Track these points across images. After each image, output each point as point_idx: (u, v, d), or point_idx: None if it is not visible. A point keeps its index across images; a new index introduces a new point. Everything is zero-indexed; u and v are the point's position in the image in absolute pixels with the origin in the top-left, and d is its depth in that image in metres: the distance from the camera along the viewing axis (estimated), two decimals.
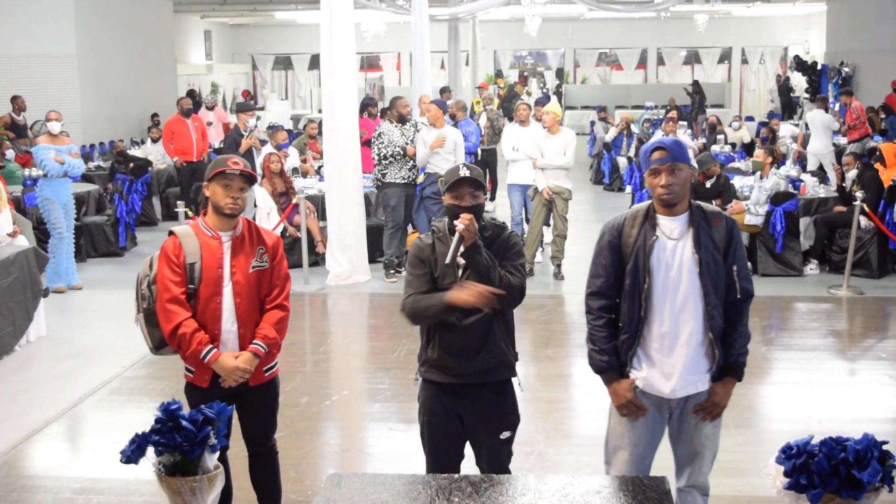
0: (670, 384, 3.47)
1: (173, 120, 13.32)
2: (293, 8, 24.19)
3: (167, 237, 3.89)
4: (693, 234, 3.45)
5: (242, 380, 3.83)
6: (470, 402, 3.73)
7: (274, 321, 3.88)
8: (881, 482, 2.61)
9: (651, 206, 3.53)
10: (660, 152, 3.43)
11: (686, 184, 3.46)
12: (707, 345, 3.48)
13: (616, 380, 3.54)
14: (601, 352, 3.55)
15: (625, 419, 3.56)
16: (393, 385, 6.51)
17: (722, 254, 3.48)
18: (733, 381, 3.56)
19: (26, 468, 5.39)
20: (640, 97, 26.98)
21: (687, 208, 3.49)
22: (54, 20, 16.15)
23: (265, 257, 3.90)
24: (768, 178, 9.62)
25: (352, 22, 9.48)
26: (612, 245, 3.54)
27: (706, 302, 3.42)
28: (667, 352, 3.46)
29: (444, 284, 3.69)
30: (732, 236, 3.52)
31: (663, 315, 3.45)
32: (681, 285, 3.43)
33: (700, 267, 3.41)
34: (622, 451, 3.59)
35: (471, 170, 3.69)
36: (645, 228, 3.48)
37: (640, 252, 3.45)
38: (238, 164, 3.81)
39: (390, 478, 3.24)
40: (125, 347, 7.38)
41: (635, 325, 3.48)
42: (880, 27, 19.67)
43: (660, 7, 21.24)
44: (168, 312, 3.77)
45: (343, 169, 9.41)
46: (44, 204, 9.04)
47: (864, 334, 8.10)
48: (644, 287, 3.44)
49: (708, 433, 3.58)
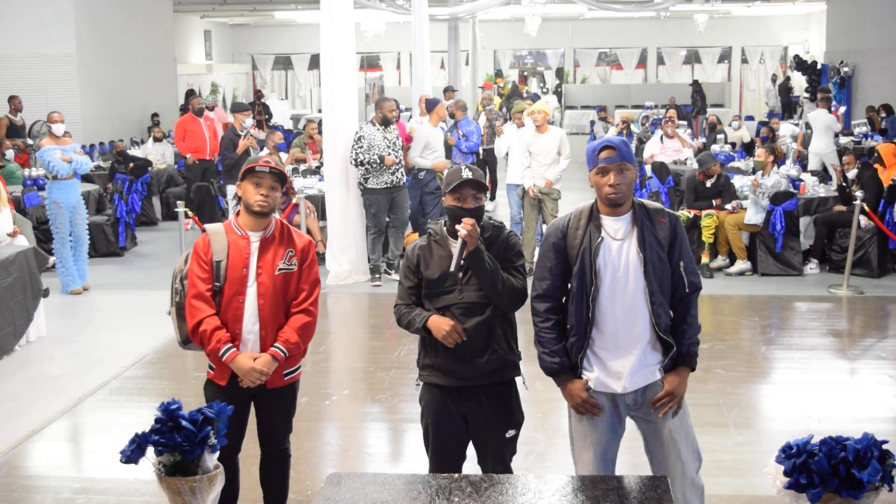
0: (621, 382, 3.47)
1: (186, 118, 13.34)
2: (293, 8, 24.20)
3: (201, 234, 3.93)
4: (637, 233, 3.44)
5: (259, 382, 3.81)
6: (475, 402, 3.74)
7: (298, 325, 3.87)
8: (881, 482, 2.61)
9: (594, 205, 3.52)
10: (608, 151, 3.42)
11: (632, 184, 3.47)
12: (655, 342, 3.48)
13: (569, 380, 3.54)
14: (551, 353, 3.55)
15: (585, 420, 3.55)
16: (393, 385, 6.51)
17: (666, 251, 3.47)
18: (687, 371, 3.54)
19: (26, 468, 5.39)
20: (640, 97, 26.99)
21: (630, 208, 3.49)
22: (54, 20, 16.14)
23: (294, 260, 3.89)
24: (770, 176, 9.63)
25: (352, 22, 9.48)
26: (556, 247, 3.53)
27: (652, 301, 3.43)
28: (616, 351, 3.47)
29: (445, 287, 3.70)
30: (676, 232, 3.51)
31: (611, 316, 3.45)
32: (627, 285, 3.43)
33: (645, 266, 3.41)
34: (586, 451, 3.57)
35: (473, 172, 3.70)
36: (590, 230, 3.47)
37: (587, 254, 3.44)
38: (269, 162, 3.83)
39: (390, 478, 3.24)
40: (125, 347, 7.38)
41: (584, 327, 3.48)
42: (880, 27, 19.67)
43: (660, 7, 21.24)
44: (192, 308, 3.80)
45: (343, 169, 9.40)
46: (51, 208, 9.01)
47: (863, 334, 8.10)
48: (591, 289, 3.43)
49: (676, 426, 3.54)
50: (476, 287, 3.67)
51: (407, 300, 3.80)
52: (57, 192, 8.97)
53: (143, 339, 7.58)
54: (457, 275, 3.66)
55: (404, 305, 3.80)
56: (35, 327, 7.66)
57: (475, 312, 3.67)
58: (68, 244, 9.08)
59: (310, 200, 10.18)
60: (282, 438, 4.07)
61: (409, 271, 3.79)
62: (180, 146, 13.33)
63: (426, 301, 3.76)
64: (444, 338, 3.63)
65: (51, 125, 9.01)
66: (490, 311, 3.68)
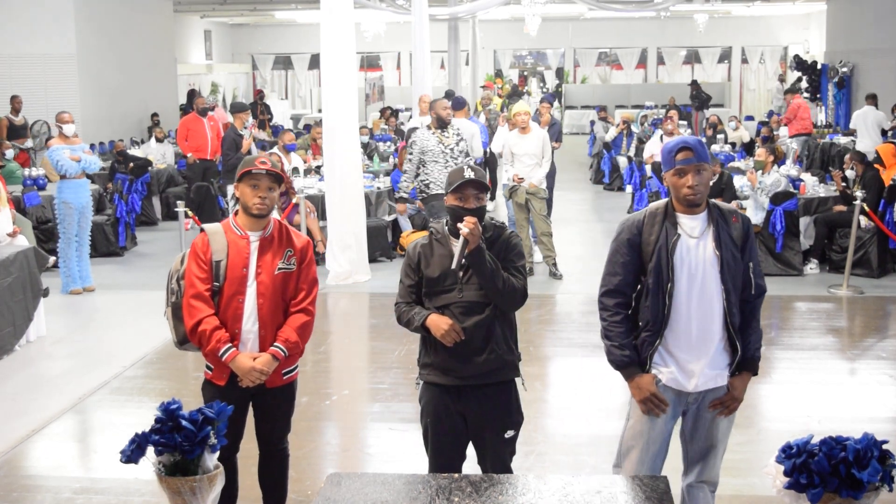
0: (693, 381, 3.50)
1: (190, 118, 13.34)
2: (293, 7, 24.19)
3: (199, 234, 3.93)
4: (713, 232, 3.47)
5: (259, 381, 3.82)
6: (474, 402, 3.74)
7: (297, 325, 3.87)
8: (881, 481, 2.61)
9: (669, 204, 3.53)
10: (686, 153, 3.43)
11: (709, 183, 3.50)
12: (727, 341, 3.51)
13: (638, 374, 3.54)
14: (621, 346, 3.55)
15: (645, 418, 3.56)
16: (393, 385, 6.51)
17: (739, 251, 3.51)
18: (749, 376, 3.59)
19: (26, 468, 5.39)
20: (640, 97, 27.00)
21: (706, 207, 3.51)
22: (54, 20, 16.15)
23: (293, 260, 3.89)
24: (770, 175, 9.63)
25: (352, 22, 9.48)
26: (631, 243, 3.54)
27: (727, 300, 3.46)
28: (690, 349, 3.49)
29: (445, 286, 3.71)
30: (748, 234, 3.55)
31: (687, 313, 3.47)
32: (703, 283, 3.45)
33: (721, 265, 3.44)
34: (636, 450, 3.59)
35: (475, 172, 3.70)
36: (666, 227, 3.48)
37: (663, 250, 3.45)
38: (265, 163, 3.82)
39: (390, 477, 3.24)
40: (125, 347, 7.38)
41: (658, 324, 3.49)
42: (880, 27, 19.67)
43: (660, 7, 21.24)
44: (191, 308, 3.80)
45: (343, 168, 9.40)
46: (61, 208, 9.00)
47: (864, 334, 8.10)
48: (668, 286, 3.45)
49: (723, 428, 3.62)
50: (476, 286, 3.67)
51: (407, 298, 3.81)
52: (67, 192, 8.96)
53: (143, 339, 7.57)
54: (457, 274, 3.67)
55: (404, 304, 3.81)
56: (35, 327, 7.66)
57: (474, 312, 3.67)
58: (73, 244, 9.09)
59: (310, 200, 10.18)
60: (280, 438, 4.07)
61: (410, 269, 3.80)
62: (182, 145, 13.33)
63: (426, 299, 3.76)
64: (442, 337, 3.64)
65: (62, 125, 8.98)
66: (489, 310, 3.68)
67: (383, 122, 17.68)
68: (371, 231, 10.05)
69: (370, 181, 11.23)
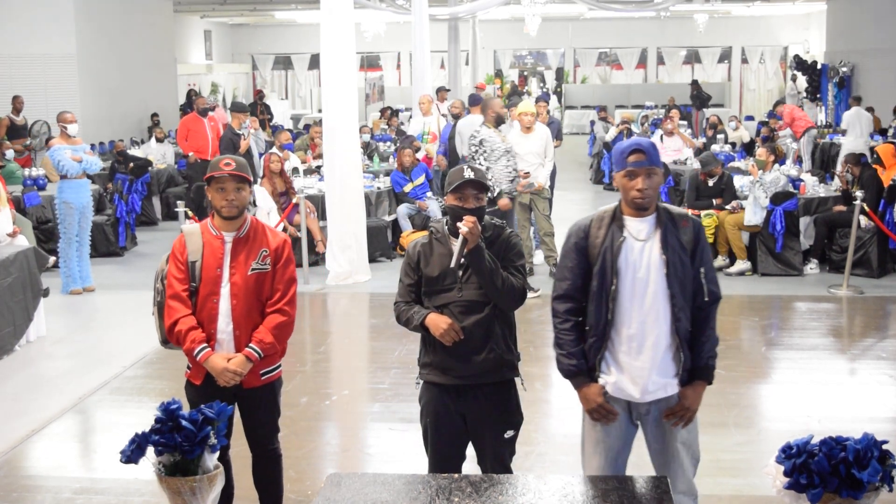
0: (638, 388, 3.43)
1: (190, 118, 13.31)
2: (293, 8, 24.19)
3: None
4: (660, 235, 3.41)
5: (234, 382, 3.82)
6: (473, 402, 3.74)
7: (272, 325, 3.86)
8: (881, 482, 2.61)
9: (618, 207, 3.50)
10: (638, 155, 3.39)
11: (659, 187, 3.45)
12: (674, 348, 3.44)
13: (586, 384, 3.51)
14: (569, 356, 3.51)
15: (599, 426, 3.52)
16: (393, 385, 6.51)
17: (689, 256, 3.44)
18: (703, 385, 3.51)
19: (26, 468, 5.39)
20: (640, 97, 27.00)
21: (654, 210, 3.46)
22: (54, 20, 16.14)
23: (267, 260, 3.88)
24: (770, 173, 9.63)
25: (352, 22, 9.48)
26: (578, 247, 3.50)
27: (673, 304, 3.39)
28: (634, 355, 3.43)
29: (445, 285, 3.71)
30: (700, 238, 3.48)
31: (631, 317, 3.41)
32: (648, 287, 3.40)
33: (667, 268, 3.38)
34: (597, 457, 3.55)
35: (475, 172, 3.71)
36: (612, 229, 3.44)
37: (608, 253, 3.41)
38: (230, 164, 3.81)
39: (390, 478, 3.24)
40: (125, 347, 7.38)
41: (602, 328, 3.45)
42: (880, 27, 19.68)
43: (659, 7, 21.24)
44: (169, 308, 3.84)
45: (343, 169, 9.40)
46: (62, 208, 9.00)
47: (864, 334, 8.10)
48: (611, 289, 3.40)
49: (683, 438, 3.52)
50: (475, 286, 3.67)
51: (407, 298, 3.81)
52: (68, 192, 8.96)
53: (143, 339, 7.55)
54: (456, 273, 3.67)
55: (404, 303, 3.82)
56: (35, 327, 7.66)
57: (474, 311, 3.68)
58: (74, 244, 9.10)
59: (310, 200, 10.18)
60: (268, 439, 4.06)
61: (410, 269, 3.80)
62: (183, 145, 13.32)
63: (425, 298, 3.77)
64: (441, 336, 3.64)
65: (66, 125, 8.96)
66: (489, 310, 3.68)
67: (383, 122, 17.68)
68: (371, 231, 10.05)
69: (370, 181, 11.24)
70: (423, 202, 10.95)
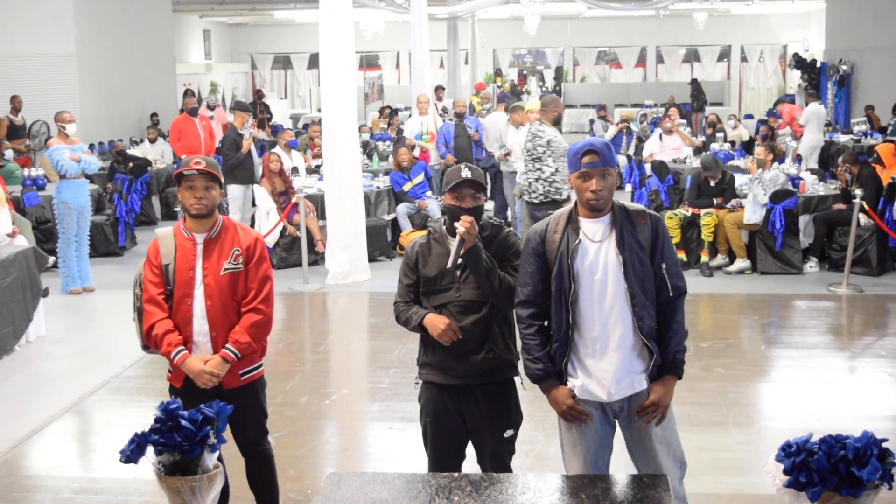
0: (605, 389, 3.41)
1: (180, 119, 13.30)
2: (292, 7, 24.19)
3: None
4: (616, 234, 3.39)
5: (212, 384, 3.81)
6: (473, 401, 3.74)
7: (247, 325, 3.85)
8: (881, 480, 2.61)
9: (574, 208, 3.48)
10: (591, 156, 3.36)
11: (613, 188, 3.42)
12: (640, 346, 3.41)
13: (554, 387, 3.48)
14: (535, 360, 3.49)
15: (574, 428, 3.50)
16: (393, 384, 6.51)
17: (648, 253, 3.41)
18: (673, 380, 3.47)
19: (26, 468, 5.39)
20: (640, 95, 26.98)
21: (609, 209, 3.43)
22: (54, 20, 16.13)
23: (240, 259, 3.87)
24: (769, 171, 9.63)
25: (351, 21, 9.48)
26: (536, 252, 3.48)
27: (633, 303, 3.36)
28: (599, 357, 3.40)
29: (443, 285, 3.72)
30: (658, 234, 3.45)
31: (592, 320, 3.39)
32: (607, 288, 3.37)
33: (625, 268, 3.36)
34: (576, 459, 3.52)
35: (472, 171, 3.71)
36: (567, 232, 3.42)
37: (564, 256, 3.39)
38: (200, 163, 3.80)
39: (390, 477, 3.24)
40: (125, 347, 7.37)
41: (565, 332, 3.43)
42: (879, 25, 19.67)
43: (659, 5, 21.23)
44: (145, 313, 3.85)
45: (343, 168, 9.40)
46: (60, 208, 9.00)
47: (863, 332, 8.10)
48: (570, 293, 3.38)
49: (659, 436, 3.47)
50: (473, 285, 3.67)
51: (405, 297, 3.82)
52: (66, 192, 8.95)
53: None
54: (454, 272, 3.68)
55: (403, 303, 3.82)
56: (35, 327, 7.66)
57: (472, 310, 3.68)
58: (73, 244, 9.09)
59: (309, 200, 10.18)
60: (256, 440, 4.05)
61: (408, 269, 3.81)
62: (175, 147, 13.30)
63: (424, 299, 3.77)
64: (439, 336, 3.64)
65: (64, 125, 8.97)
66: (487, 309, 3.68)
67: (383, 121, 17.68)
68: (370, 230, 10.05)
69: (369, 180, 11.24)
70: (423, 201, 10.95)
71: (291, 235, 10.18)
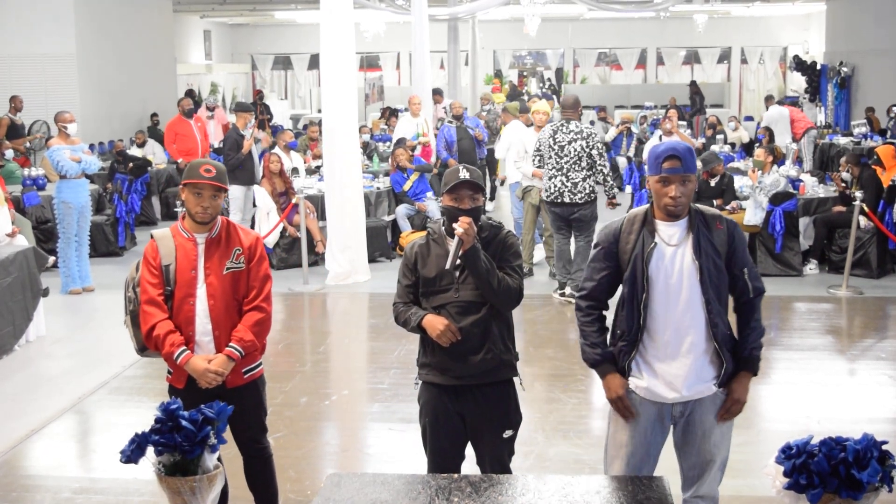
0: (674, 394, 3.40)
1: (175, 121, 13.27)
2: (293, 8, 24.17)
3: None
4: (693, 239, 3.36)
5: (217, 383, 3.81)
6: (472, 402, 3.74)
7: (251, 323, 3.86)
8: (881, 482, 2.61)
9: (649, 210, 3.45)
10: (673, 161, 3.32)
11: (692, 194, 3.39)
12: (711, 353, 3.39)
13: (611, 372, 3.49)
14: (593, 345, 3.52)
15: (624, 428, 3.48)
16: (393, 385, 6.51)
17: (725, 258, 3.39)
18: (749, 376, 3.48)
19: (26, 468, 5.39)
20: (640, 97, 26.96)
21: (686, 213, 3.40)
22: (54, 20, 16.12)
23: (241, 259, 3.88)
24: (770, 175, 9.63)
25: (351, 22, 9.48)
26: (608, 251, 3.47)
27: (708, 310, 3.34)
28: (669, 361, 3.38)
29: (442, 286, 3.72)
30: (734, 239, 3.43)
31: (664, 324, 3.37)
32: (681, 294, 3.35)
33: (701, 274, 3.33)
34: (619, 460, 3.51)
35: (470, 172, 3.71)
36: (643, 234, 3.39)
37: (639, 260, 3.37)
38: (210, 171, 3.79)
39: (390, 478, 3.24)
40: (125, 347, 7.29)
41: (634, 334, 3.41)
42: (880, 27, 19.67)
43: (659, 7, 21.23)
44: (145, 314, 3.83)
45: (343, 169, 9.40)
46: (60, 208, 9.00)
47: (863, 334, 8.10)
48: (643, 296, 3.36)
49: (717, 441, 3.47)
50: (472, 286, 3.67)
51: (405, 298, 3.82)
52: (67, 192, 8.96)
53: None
54: (453, 273, 3.68)
55: (402, 304, 3.83)
56: (35, 327, 7.66)
57: (471, 311, 3.68)
58: (73, 244, 9.09)
59: (309, 201, 10.18)
60: (257, 438, 4.06)
61: (408, 270, 3.82)
62: (171, 150, 13.27)
63: (423, 299, 3.77)
64: (438, 337, 3.64)
65: (66, 125, 8.97)
66: (486, 310, 3.69)
67: (383, 122, 17.68)
68: (370, 231, 10.05)
69: (369, 181, 11.24)
70: (423, 203, 10.95)
71: (291, 236, 10.18)
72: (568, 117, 8.47)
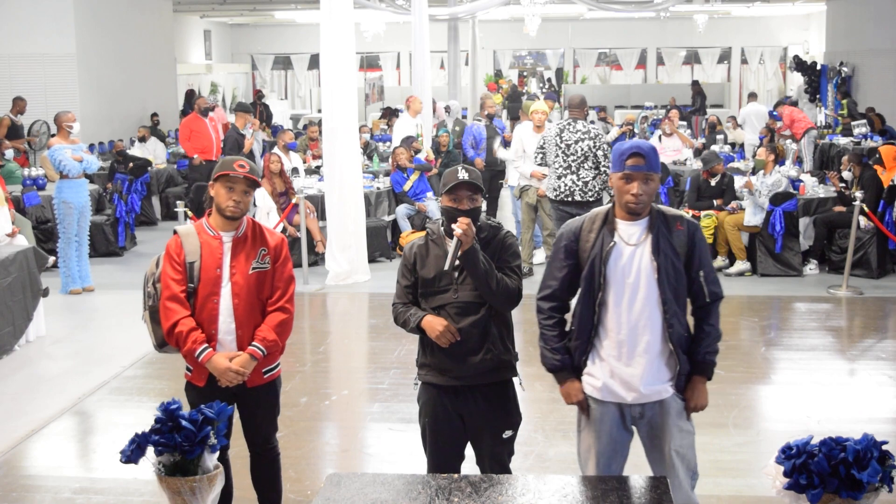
0: (632, 393, 3.41)
1: (191, 118, 13.25)
2: (293, 8, 24.17)
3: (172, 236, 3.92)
4: (652, 239, 3.36)
5: (238, 381, 3.82)
6: (472, 402, 3.74)
7: (274, 324, 3.87)
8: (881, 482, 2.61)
9: (611, 210, 3.45)
10: (636, 159, 3.33)
11: (654, 193, 3.40)
12: (667, 354, 3.40)
13: (569, 379, 3.52)
14: (553, 350, 3.53)
15: (590, 430, 3.52)
16: (393, 385, 6.51)
17: (684, 260, 3.39)
18: (703, 381, 3.46)
19: (26, 468, 5.39)
20: (640, 97, 26.95)
21: (647, 213, 3.40)
22: (54, 20, 16.13)
23: (267, 259, 3.88)
24: (771, 175, 9.63)
25: (351, 22, 9.48)
26: (568, 249, 3.48)
27: (664, 310, 3.34)
28: (625, 360, 3.39)
29: (441, 286, 3.72)
30: (694, 241, 3.43)
31: (619, 323, 3.37)
32: (638, 293, 3.35)
33: (658, 273, 3.33)
34: (590, 461, 3.54)
35: (469, 173, 3.71)
36: (603, 233, 3.40)
37: (597, 258, 3.38)
38: (244, 167, 3.80)
39: (390, 478, 3.24)
40: (125, 347, 7.38)
41: (588, 332, 3.43)
42: (880, 27, 19.66)
43: (659, 7, 21.23)
44: (167, 310, 3.80)
45: (343, 169, 9.40)
46: (61, 207, 8.99)
47: (863, 334, 8.10)
48: (598, 294, 3.37)
49: (677, 445, 3.46)
50: (471, 287, 3.67)
51: (404, 299, 3.82)
52: (67, 192, 8.96)
53: (143, 339, 7.51)
54: (452, 274, 3.68)
55: (401, 304, 3.82)
56: (35, 327, 7.66)
57: (470, 312, 3.68)
58: (73, 244, 9.10)
59: (309, 200, 10.18)
60: (268, 437, 4.07)
61: (407, 270, 3.81)
62: (185, 146, 13.27)
63: (422, 300, 3.77)
64: (437, 338, 3.64)
65: (69, 125, 8.96)
66: (485, 310, 3.69)
67: (383, 122, 17.68)
68: (370, 231, 10.05)
69: (370, 181, 11.24)
70: (423, 204, 10.95)
71: (291, 236, 10.17)
72: (575, 116, 8.48)
